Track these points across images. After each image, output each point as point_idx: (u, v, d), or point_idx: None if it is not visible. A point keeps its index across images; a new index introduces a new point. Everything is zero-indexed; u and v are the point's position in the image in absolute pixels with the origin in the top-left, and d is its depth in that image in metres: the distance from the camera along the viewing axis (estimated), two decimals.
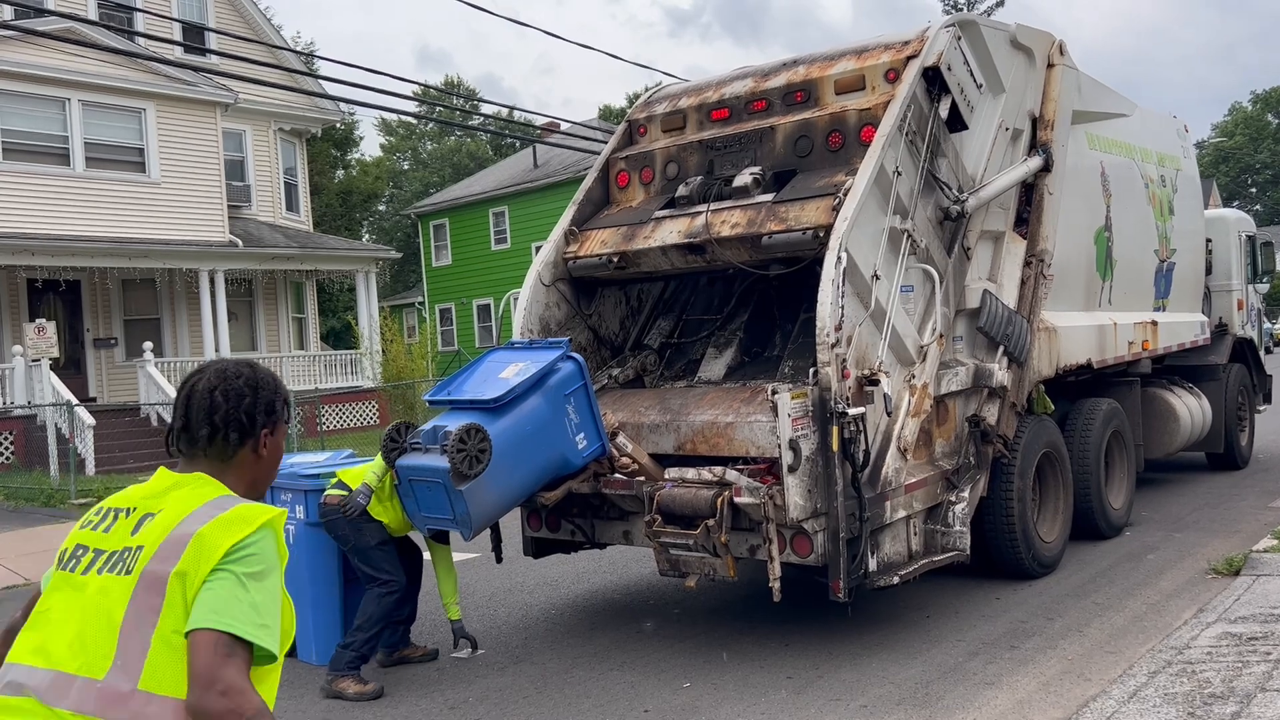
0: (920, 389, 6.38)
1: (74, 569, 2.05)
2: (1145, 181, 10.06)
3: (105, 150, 19.78)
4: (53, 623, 1.99)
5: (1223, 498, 10.37)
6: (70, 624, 1.96)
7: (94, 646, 1.91)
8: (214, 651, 1.82)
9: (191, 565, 1.92)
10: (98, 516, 2.13)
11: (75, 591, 2.01)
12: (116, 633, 1.91)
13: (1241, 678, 4.93)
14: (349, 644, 5.92)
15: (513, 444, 5.61)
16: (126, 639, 1.90)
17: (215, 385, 2.19)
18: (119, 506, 2.12)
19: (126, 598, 1.93)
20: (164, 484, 2.15)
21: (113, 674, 1.87)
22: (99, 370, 20.93)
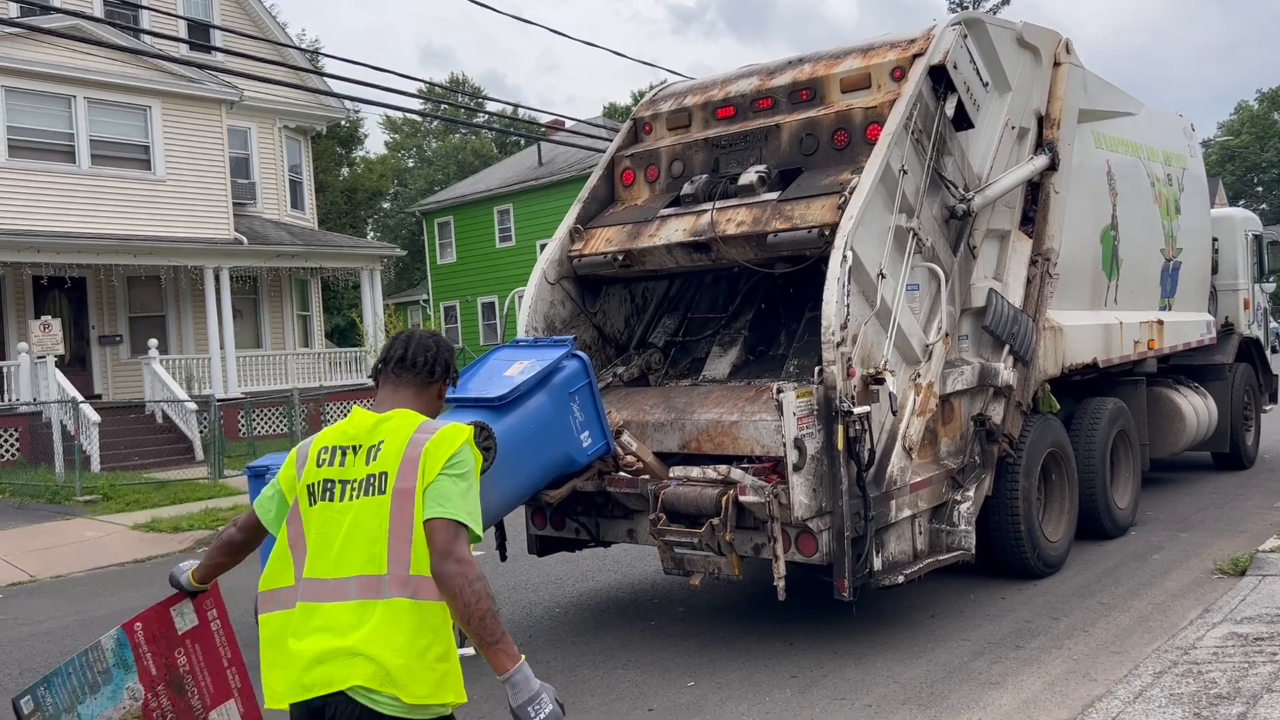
0: (925, 388, 6.37)
1: (331, 499, 2.66)
2: (1151, 180, 10.03)
3: (111, 148, 19.80)
4: (328, 543, 2.62)
5: (1228, 497, 10.35)
6: (348, 539, 2.59)
7: (375, 551, 2.57)
8: (446, 533, 2.56)
9: (423, 477, 2.59)
10: (327, 455, 2.71)
11: (340, 515, 2.63)
12: (387, 538, 2.57)
13: (1247, 678, 4.92)
14: None
15: (517, 442, 5.61)
16: (395, 540, 2.57)
17: (430, 335, 3.01)
18: (341, 445, 2.71)
19: (387, 511, 2.59)
20: (369, 421, 2.74)
21: (393, 568, 2.56)
22: (104, 367, 20.97)
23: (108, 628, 8.06)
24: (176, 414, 18.80)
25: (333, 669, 2.53)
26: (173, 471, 16.25)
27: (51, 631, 7.79)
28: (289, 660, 2.61)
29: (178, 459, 17.75)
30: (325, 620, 2.57)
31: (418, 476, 2.60)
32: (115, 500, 13.76)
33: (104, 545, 11.31)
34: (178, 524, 11.83)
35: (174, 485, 14.68)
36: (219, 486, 14.60)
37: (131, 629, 3.33)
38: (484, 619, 2.53)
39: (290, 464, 2.81)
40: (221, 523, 11.81)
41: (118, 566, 10.38)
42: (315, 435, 2.84)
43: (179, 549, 11.01)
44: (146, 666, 3.26)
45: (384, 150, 63.96)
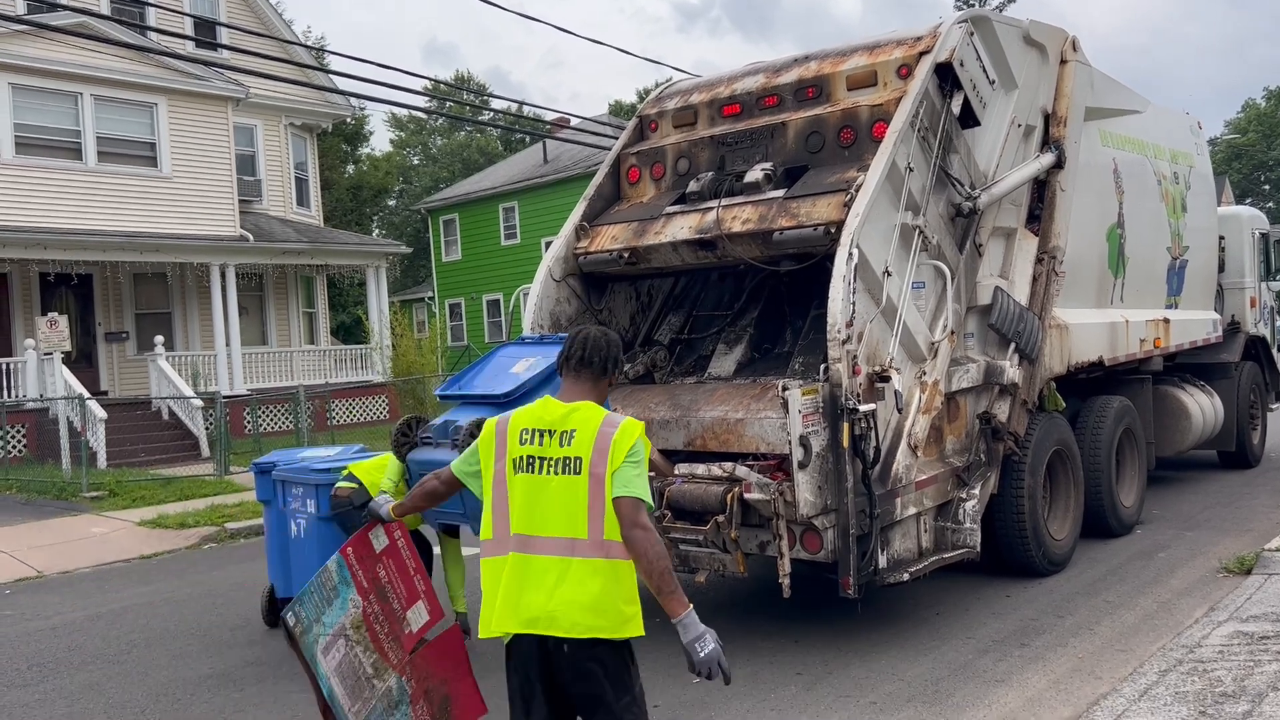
0: (931, 386, 6.37)
1: (532, 472, 3.28)
2: (1158, 178, 10.01)
3: (117, 145, 19.84)
4: (533, 506, 3.26)
5: (1234, 496, 10.34)
6: (551, 507, 3.23)
7: (576, 519, 3.21)
8: (632, 508, 3.19)
9: (611, 463, 3.21)
10: (528, 435, 3.32)
11: (541, 486, 3.26)
12: (585, 509, 3.21)
13: (1253, 676, 4.92)
14: None
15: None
16: (592, 511, 3.21)
17: (601, 335, 3.55)
18: (539, 428, 3.32)
19: (584, 490, 3.21)
20: (561, 410, 3.35)
21: (591, 532, 3.20)
22: (110, 364, 21.03)
23: (115, 623, 8.13)
24: (183, 410, 18.85)
25: (546, 611, 3.19)
26: (179, 468, 16.29)
27: (58, 627, 7.82)
28: (506, 600, 3.26)
29: (184, 455, 17.80)
30: (537, 570, 3.23)
31: (607, 463, 3.21)
32: (122, 496, 13.80)
33: (110, 541, 11.35)
34: (184, 520, 11.86)
35: (180, 482, 14.71)
36: (225, 483, 14.63)
37: (345, 552, 4.22)
38: (663, 574, 3.19)
39: (489, 437, 3.42)
40: (228, 518, 11.84)
41: (124, 562, 10.42)
42: (510, 414, 3.44)
43: (185, 545, 11.04)
44: (360, 581, 4.19)
45: (389, 148, 64.03)
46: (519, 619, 3.23)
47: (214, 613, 7.96)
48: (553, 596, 3.19)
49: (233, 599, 8.38)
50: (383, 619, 4.17)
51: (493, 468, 3.37)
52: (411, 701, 4.11)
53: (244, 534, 11.43)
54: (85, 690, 6.19)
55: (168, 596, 8.68)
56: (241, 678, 6.25)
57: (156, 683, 6.26)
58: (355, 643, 4.16)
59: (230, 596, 8.49)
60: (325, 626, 4.18)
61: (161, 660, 6.74)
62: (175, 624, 7.68)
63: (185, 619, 7.82)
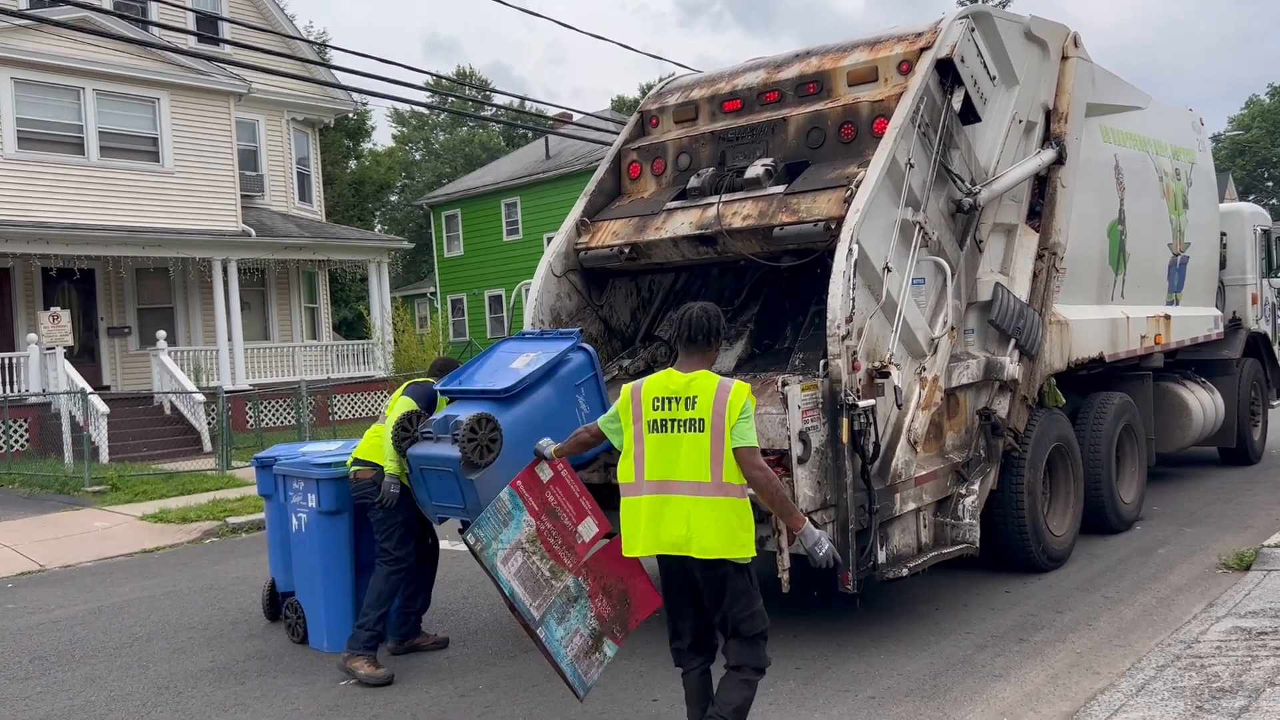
0: (931, 381, 6.38)
1: (665, 431, 4.15)
2: (1159, 175, 10.01)
3: (119, 139, 19.86)
4: (667, 459, 4.14)
5: (1235, 493, 10.34)
6: (682, 458, 4.10)
7: (701, 467, 4.08)
8: (749, 453, 4.06)
9: (729, 421, 4.05)
10: (660, 402, 4.18)
11: (672, 443, 4.13)
12: (708, 459, 4.07)
13: (1250, 672, 4.93)
14: (363, 623, 6.03)
15: (523, 434, 5.63)
16: (714, 461, 4.06)
17: (701, 312, 4.30)
18: (667, 395, 4.17)
19: (707, 444, 4.07)
20: (681, 380, 4.19)
21: (714, 478, 4.06)
22: (113, 359, 21.06)
23: (116, 617, 8.15)
24: (185, 405, 18.88)
25: (684, 538, 4.09)
26: (181, 463, 16.32)
27: (60, 620, 7.85)
28: (649, 530, 4.16)
29: (186, 450, 17.83)
30: (674, 507, 4.10)
31: (725, 422, 4.05)
32: (124, 491, 13.83)
33: (112, 535, 11.38)
34: (186, 515, 11.88)
35: (182, 476, 14.74)
36: (227, 478, 14.66)
37: (515, 484, 4.94)
38: (782, 501, 4.21)
39: (626, 402, 4.30)
40: (229, 513, 11.86)
41: (125, 556, 10.45)
42: (642, 382, 4.29)
43: (186, 540, 11.07)
44: (531, 505, 4.94)
45: (391, 143, 64.00)
46: (661, 543, 4.14)
47: (215, 607, 7.99)
48: (689, 526, 4.07)
49: (234, 593, 8.41)
50: (555, 533, 4.96)
51: (631, 427, 4.27)
52: (590, 596, 4.95)
53: (246, 528, 11.46)
54: (86, 683, 6.22)
55: (169, 590, 8.70)
56: (243, 671, 6.27)
57: (158, 675, 6.28)
58: (531, 553, 4.90)
59: (232, 590, 8.51)
60: (502, 543, 4.86)
61: (163, 653, 6.76)
62: (177, 618, 7.71)
63: (187, 613, 7.84)
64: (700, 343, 4.27)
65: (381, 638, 6.16)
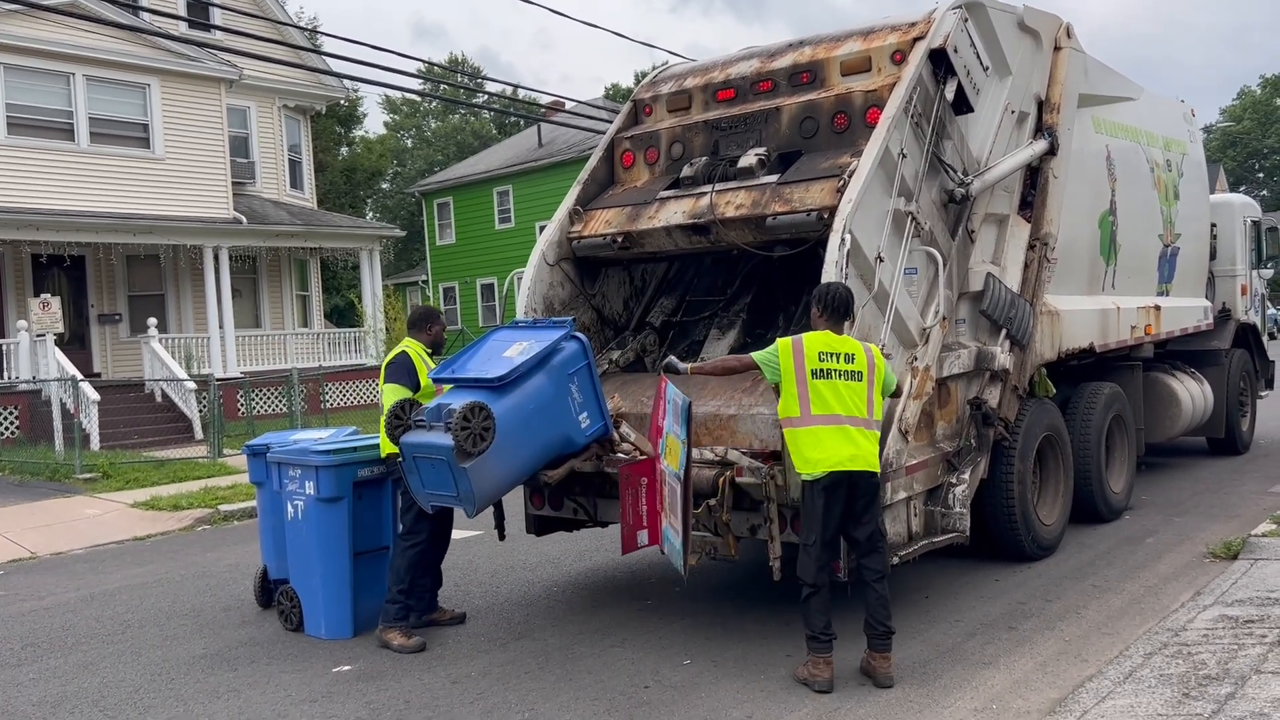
0: (922, 371, 6.40)
1: (829, 378, 5.18)
2: (1151, 166, 10.04)
3: (109, 125, 19.76)
4: (832, 400, 5.17)
5: (1223, 482, 10.41)
6: (847, 401, 5.18)
7: (860, 406, 5.20)
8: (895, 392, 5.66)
9: (877, 375, 5.30)
10: (826, 355, 5.21)
11: (835, 389, 5.18)
12: (865, 402, 5.22)
13: (1236, 660, 4.97)
14: (392, 598, 6.28)
15: (516, 422, 5.65)
16: (869, 404, 5.24)
17: (847, 289, 5.46)
18: (830, 350, 5.23)
19: (865, 390, 5.24)
20: (836, 339, 5.28)
21: (869, 414, 5.23)
22: (103, 346, 20.99)
23: (108, 604, 8.16)
24: (176, 393, 18.84)
25: (855, 457, 5.15)
26: (172, 450, 16.29)
27: (51, 607, 7.85)
28: (825, 452, 5.14)
29: (177, 438, 17.80)
30: (845, 435, 5.15)
31: (875, 374, 5.29)
32: (115, 478, 13.81)
33: (104, 523, 11.38)
34: (177, 502, 11.88)
35: (173, 464, 14.72)
36: (218, 465, 14.65)
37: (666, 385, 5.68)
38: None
39: (788, 352, 5.25)
40: (221, 500, 11.85)
41: (117, 544, 10.44)
42: (802, 337, 5.28)
43: (178, 527, 11.07)
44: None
45: (383, 130, 63.75)
46: (837, 463, 5.13)
47: (207, 594, 8.00)
48: (858, 448, 5.16)
49: (226, 580, 8.42)
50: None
51: (793, 371, 5.21)
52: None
53: (237, 516, 11.46)
54: (79, 670, 6.22)
55: (161, 578, 8.71)
56: (235, 658, 6.28)
57: (150, 662, 6.29)
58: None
59: (223, 578, 8.52)
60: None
61: (154, 640, 6.77)
62: (168, 605, 7.71)
63: (178, 600, 7.85)
64: (842, 313, 5.33)
65: (411, 609, 6.37)
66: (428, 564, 6.57)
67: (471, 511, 5.73)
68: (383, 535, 6.72)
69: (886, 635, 5.25)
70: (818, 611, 5.23)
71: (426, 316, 6.75)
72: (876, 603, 5.26)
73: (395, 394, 6.21)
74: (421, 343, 6.62)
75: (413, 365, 6.38)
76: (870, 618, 5.27)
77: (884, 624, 5.25)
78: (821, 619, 5.23)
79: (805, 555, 5.28)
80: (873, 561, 5.32)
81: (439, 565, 6.76)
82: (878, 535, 5.36)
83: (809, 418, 5.18)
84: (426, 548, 6.40)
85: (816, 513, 5.21)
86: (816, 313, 5.36)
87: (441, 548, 6.74)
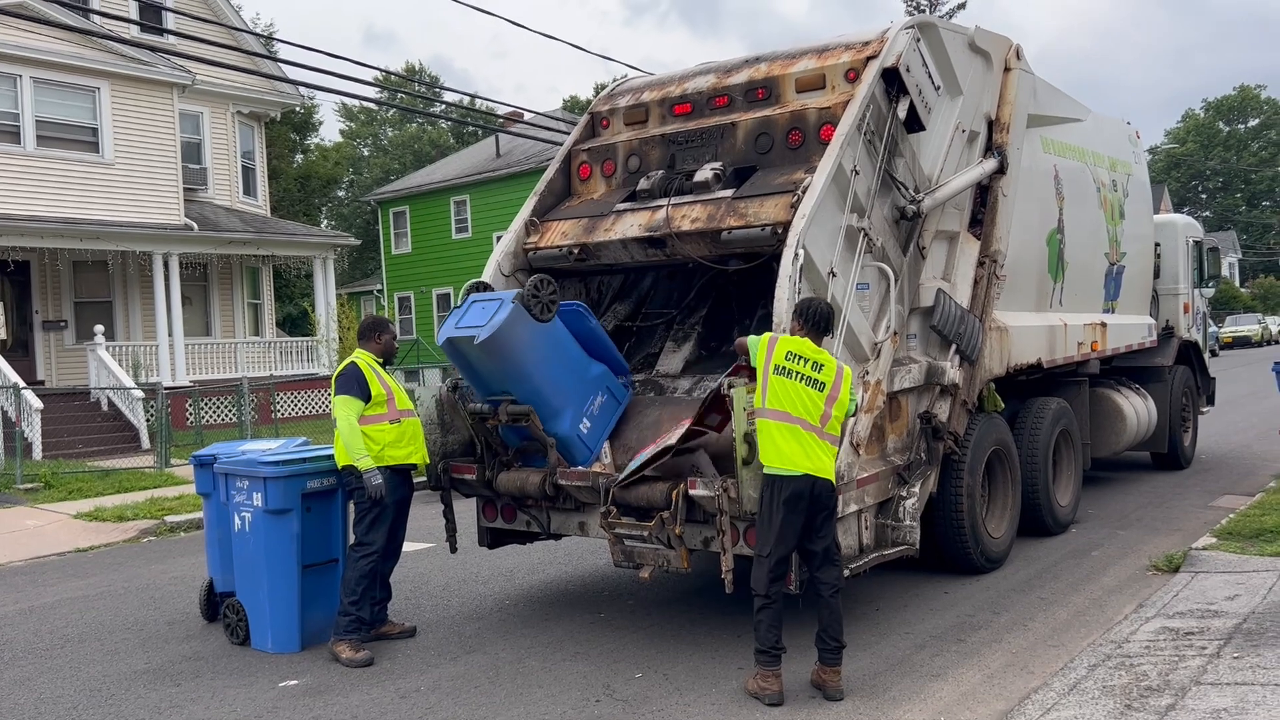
0: (874, 385, 6.46)
1: (789, 377, 5.24)
2: (1097, 186, 10.24)
3: (57, 129, 19.39)
4: (788, 400, 5.21)
5: (1165, 497, 10.62)
6: (799, 402, 5.22)
7: (814, 414, 5.24)
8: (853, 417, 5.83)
9: (842, 390, 5.35)
10: (792, 357, 5.27)
11: (792, 389, 5.23)
12: (820, 411, 5.25)
13: (1177, 671, 5.07)
14: (343, 610, 6.22)
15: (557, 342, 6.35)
16: (824, 415, 5.26)
17: (829, 306, 5.57)
18: (797, 354, 5.28)
19: (823, 401, 5.27)
20: (811, 348, 5.34)
21: (820, 424, 5.25)
22: (48, 353, 20.54)
23: (47, 618, 7.96)
24: (122, 402, 18.47)
25: (813, 464, 5.19)
26: (118, 460, 15.96)
27: None
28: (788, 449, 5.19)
29: (123, 447, 17.45)
30: (797, 438, 5.19)
31: (840, 391, 5.33)
32: (57, 489, 13.50)
33: (45, 534, 11.11)
34: (121, 513, 11.64)
35: (119, 474, 14.42)
36: (165, 475, 14.38)
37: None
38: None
39: (764, 346, 5.35)
40: (167, 512, 11.63)
41: (58, 556, 10.21)
42: (781, 337, 5.39)
43: (122, 539, 10.85)
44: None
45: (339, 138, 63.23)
46: (796, 464, 5.18)
47: (151, 607, 7.84)
48: (816, 461, 5.21)
49: (171, 593, 8.26)
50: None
51: (762, 364, 5.32)
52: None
53: (184, 527, 11.25)
54: (14, 686, 6.07)
55: (103, 590, 8.52)
56: (178, 673, 6.16)
57: (89, 678, 6.15)
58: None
59: (168, 591, 8.36)
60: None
61: (95, 655, 6.62)
62: (110, 618, 7.55)
63: (121, 613, 7.69)
64: (821, 328, 5.44)
65: (363, 621, 6.30)
66: (379, 576, 6.52)
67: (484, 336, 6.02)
68: (332, 548, 6.64)
69: (837, 650, 5.27)
70: (769, 626, 5.22)
71: (375, 326, 6.72)
72: (830, 618, 5.28)
73: (346, 405, 6.25)
74: (371, 353, 6.58)
75: (362, 375, 6.35)
76: (823, 632, 5.29)
77: (836, 639, 5.27)
78: (773, 634, 5.22)
79: (759, 567, 5.27)
80: (828, 575, 5.34)
81: (388, 577, 6.70)
82: (834, 548, 5.38)
83: (764, 410, 5.27)
84: (378, 559, 6.36)
85: (775, 524, 5.21)
86: (797, 325, 5.42)
87: (392, 560, 6.69)
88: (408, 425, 6.49)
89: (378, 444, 6.31)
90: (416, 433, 6.56)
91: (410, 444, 6.48)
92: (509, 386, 6.29)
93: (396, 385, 6.54)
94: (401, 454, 6.41)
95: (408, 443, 6.46)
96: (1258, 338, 48.00)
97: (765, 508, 5.27)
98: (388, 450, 6.34)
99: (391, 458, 6.35)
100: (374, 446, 6.29)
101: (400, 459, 6.41)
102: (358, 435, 6.23)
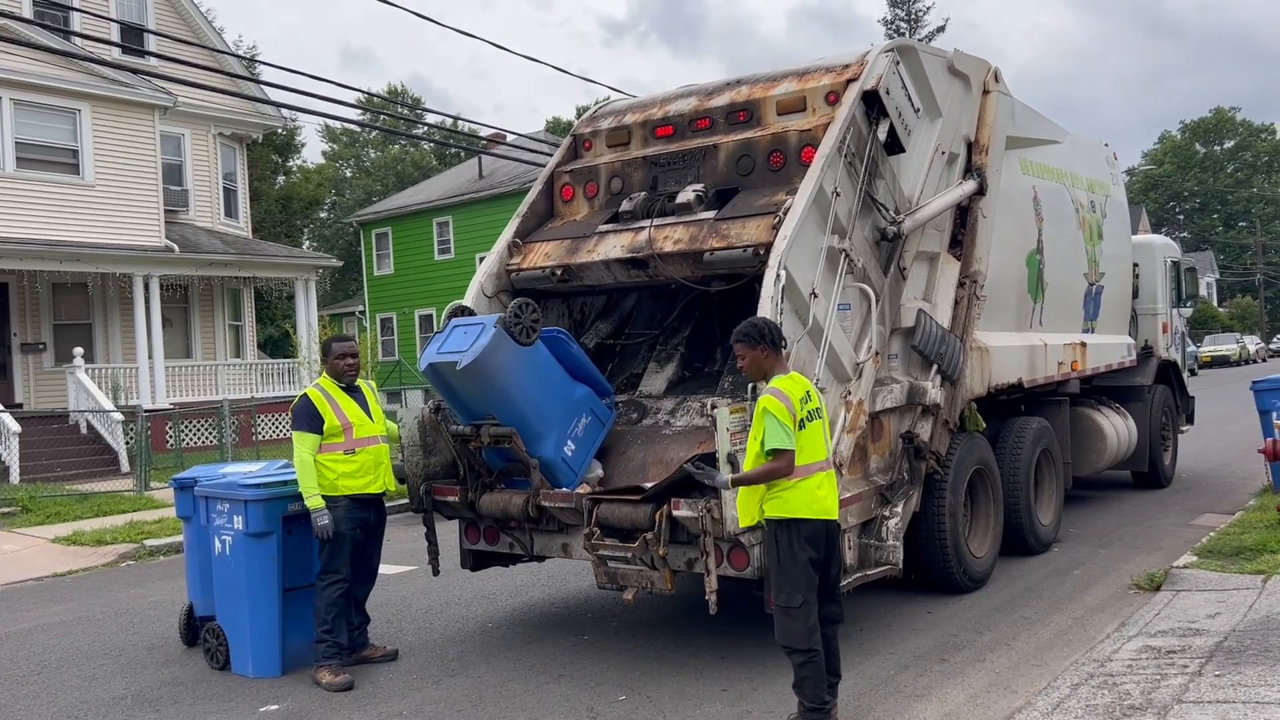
0: (856, 405, 6.49)
1: (811, 421, 4.93)
2: (1076, 206, 10.35)
3: (37, 151, 19.31)
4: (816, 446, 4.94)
5: (1146, 515, 10.67)
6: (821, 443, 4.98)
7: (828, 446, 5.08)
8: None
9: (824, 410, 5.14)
10: (804, 400, 4.94)
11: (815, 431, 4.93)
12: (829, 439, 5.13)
13: (1159, 690, 5.09)
14: (319, 638, 6.19)
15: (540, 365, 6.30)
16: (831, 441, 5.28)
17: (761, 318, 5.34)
18: (801, 395, 4.94)
19: (827, 426, 5.09)
20: (801, 380, 5.07)
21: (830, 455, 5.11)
22: (26, 376, 20.37)
23: (24, 643, 7.86)
24: (102, 425, 18.33)
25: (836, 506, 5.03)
26: (97, 483, 15.82)
27: None
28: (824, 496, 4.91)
29: (102, 470, 17.29)
30: (830, 479, 5.02)
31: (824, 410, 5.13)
32: (35, 513, 13.36)
33: (22, 559, 10.99)
34: (100, 537, 11.53)
35: (98, 497, 14.30)
36: (145, 499, 14.26)
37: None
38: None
39: (786, 414, 4.80)
40: (147, 535, 11.53)
41: (35, 580, 10.09)
42: (786, 389, 4.90)
43: (101, 563, 10.73)
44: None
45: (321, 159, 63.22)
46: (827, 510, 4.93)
47: (130, 632, 7.76)
48: (832, 496, 5.00)
49: (150, 618, 8.17)
50: None
51: (794, 426, 4.83)
52: None
53: (164, 551, 11.15)
54: None
55: (81, 615, 8.43)
56: (158, 698, 6.09)
57: (66, 704, 6.07)
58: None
59: (148, 615, 8.27)
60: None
61: (73, 681, 6.54)
62: (89, 644, 7.46)
63: (99, 638, 7.60)
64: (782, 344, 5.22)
65: (340, 647, 6.27)
66: (353, 601, 6.47)
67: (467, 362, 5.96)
68: (313, 571, 6.58)
69: (834, 686, 4.99)
70: (815, 682, 4.79)
71: (325, 349, 6.70)
72: (832, 653, 5.00)
73: (300, 441, 6.27)
74: (331, 376, 6.58)
75: (313, 407, 6.34)
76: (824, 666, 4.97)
77: (835, 674, 5.03)
78: (821, 687, 4.80)
79: (790, 620, 4.79)
80: (834, 607, 5.10)
81: (364, 602, 6.64)
82: (838, 579, 5.17)
83: (804, 468, 4.84)
84: (346, 586, 6.29)
85: (802, 566, 4.79)
86: (766, 351, 5.06)
87: (367, 584, 6.64)
88: (366, 454, 6.40)
89: (334, 473, 6.28)
90: (379, 460, 6.49)
91: (369, 474, 6.40)
92: (493, 411, 6.28)
93: (359, 413, 6.45)
94: (358, 484, 6.35)
95: (366, 473, 6.38)
96: (1236, 357, 48.49)
97: (784, 553, 4.82)
98: (342, 480, 6.29)
99: (347, 488, 6.30)
100: (330, 475, 6.25)
101: (357, 489, 6.34)
102: (309, 472, 6.20)
